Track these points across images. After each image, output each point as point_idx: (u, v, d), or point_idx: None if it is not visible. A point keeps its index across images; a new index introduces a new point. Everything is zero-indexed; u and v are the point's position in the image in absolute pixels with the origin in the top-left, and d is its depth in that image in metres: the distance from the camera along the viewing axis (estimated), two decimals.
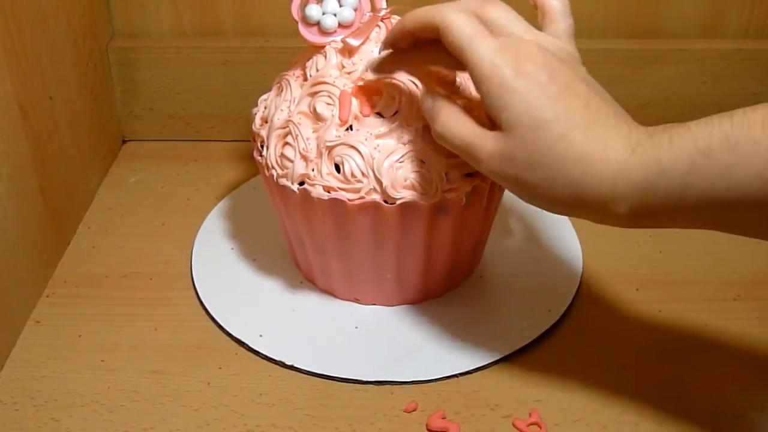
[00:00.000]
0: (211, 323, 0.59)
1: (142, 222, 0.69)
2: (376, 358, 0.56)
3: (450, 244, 0.57)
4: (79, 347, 0.58)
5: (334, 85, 0.54)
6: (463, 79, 0.56)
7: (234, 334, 0.58)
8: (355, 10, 0.57)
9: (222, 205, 0.70)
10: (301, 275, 0.63)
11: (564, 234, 0.66)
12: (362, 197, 0.53)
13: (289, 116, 0.55)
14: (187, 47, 0.76)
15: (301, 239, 0.59)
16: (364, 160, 0.53)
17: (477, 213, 0.57)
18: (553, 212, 0.46)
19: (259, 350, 0.57)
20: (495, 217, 0.61)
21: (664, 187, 0.40)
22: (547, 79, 0.43)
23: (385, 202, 0.53)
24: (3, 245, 0.57)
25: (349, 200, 0.53)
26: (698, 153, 0.39)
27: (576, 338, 0.58)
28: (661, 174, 0.40)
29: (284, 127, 0.55)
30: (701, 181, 0.39)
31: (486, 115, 0.45)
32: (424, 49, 0.49)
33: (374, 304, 0.60)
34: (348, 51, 0.56)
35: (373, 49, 0.56)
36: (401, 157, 0.53)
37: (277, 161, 0.56)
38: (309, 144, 0.54)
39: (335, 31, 0.57)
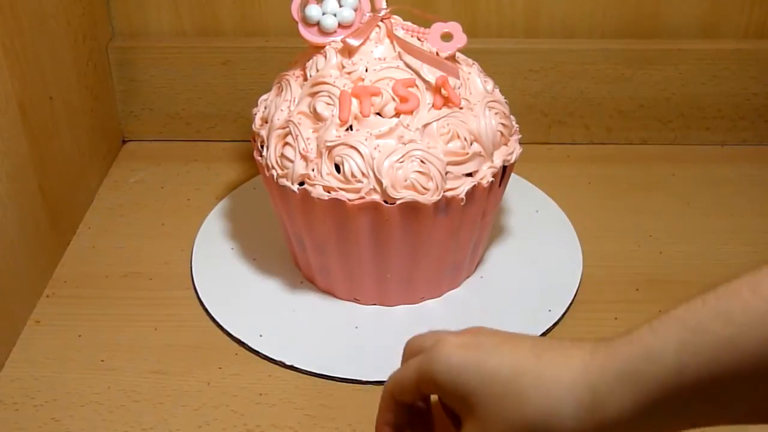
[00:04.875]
0: (211, 323, 0.59)
1: (142, 222, 0.69)
2: (376, 358, 0.56)
3: (450, 243, 0.57)
4: (79, 347, 0.58)
5: (334, 85, 0.55)
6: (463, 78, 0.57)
7: (234, 334, 0.58)
8: (355, 10, 0.57)
9: (222, 205, 0.70)
10: (301, 275, 0.63)
11: (564, 234, 0.66)
12: (362, 197, 0.53)
13: (289, 116, 0.55)
14: (187, 47, 0.76)
15: (301, 239, 0.59)
16: (364, 160, 0.53)
17: (477, 213, 0.57)
18: None
19: (259, 350, 0.57)
20: (495, 217, 0.61)
21: (653, 373, 0.35)
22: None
23: (385, 202, 0.53)
24: (3, 245, 0.57)
25: (349, 200, 0.53)
26: (689, 331, 0.35)
27: (576, 338, 0.58)
28: (649, 359, 0.36)
29: (284, 127, 0.55)
30: (698, 357, 0.34)
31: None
32: None
33: (374, 304, 0.60)
34: (348, 51, 0.56)
35: (373, 50, 0.56)
36: (401, 157, 0.53)
37: (277, 161, 0.56)
38: (309, 144, 0.54)
39: (335, 31, 0.57)
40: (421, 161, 0.53)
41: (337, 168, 0.53)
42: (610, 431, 0.37)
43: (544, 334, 0.58)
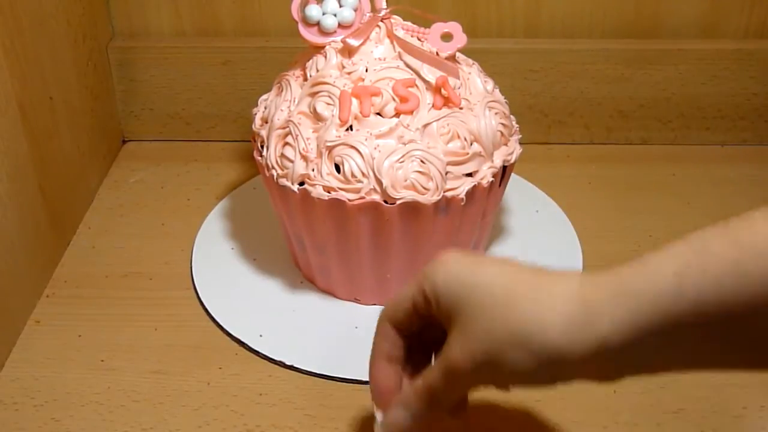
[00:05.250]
0: (211, 323, 0.59)
1: (142, 222, 0.69)
2: None
3: (450, 243, 0.57)
4: (79, 347, 0.58)
5: (334, 85, 0.55)
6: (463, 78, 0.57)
7: (234, 334, 0.58)
8: (355, 10, 0.57)
9: (222, 205, 0.70)
10: (301, 275, 0.63)
11: (564, 234, 0.66)
12: (362, 197, 0.53)
13: (289, 116, 0.56)
14: (187, 47, 0.76)
15: (301, 239, 0.59)
16: (364, 160, 0.53)
17: (477, 213, 0.57)
18: (537, 385, 0.38)
19: (259, 350, 0.57)
20: (495, 217, 0.61)
21: (651, 291, 0.34)
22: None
23: (385, 202, 0.53)
24: (3, 245, 0.57)
25: (349, 200, 0.53)
26: (692, 252, 0.33)
27: None
28: (648, 277, 0.34)
29: (284, 127, 0.55)
30: (700, 278, 0.32)
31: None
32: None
33: (374, 304, 0.60)
34: (348, 51, 0.56)
35: (373, 50, 0.56)
36: (401, 157, 0.53)
37: (277, 161, 0.56)
38: (309, 144, 0.54)
39: (335, 31, 0.57)
40: (421, 161, 0.53)
41: (337, 168, 0.53)
42: (603, 358, 0.34)
43: None
